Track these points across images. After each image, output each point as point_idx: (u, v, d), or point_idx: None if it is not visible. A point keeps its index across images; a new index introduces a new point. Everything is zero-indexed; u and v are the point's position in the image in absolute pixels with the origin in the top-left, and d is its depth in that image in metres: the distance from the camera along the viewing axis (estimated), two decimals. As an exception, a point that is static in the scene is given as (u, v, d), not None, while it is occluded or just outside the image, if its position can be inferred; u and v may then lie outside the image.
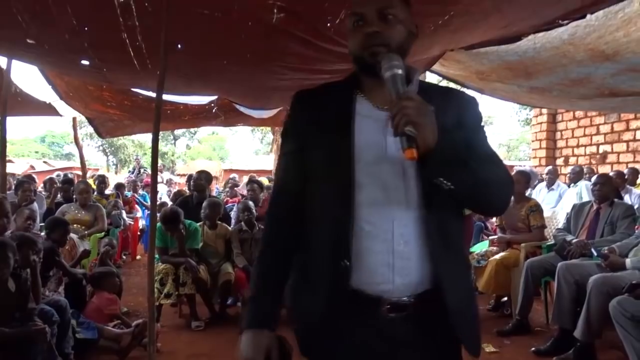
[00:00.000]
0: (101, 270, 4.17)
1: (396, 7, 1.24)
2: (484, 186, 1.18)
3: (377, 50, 1.20)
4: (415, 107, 1.07)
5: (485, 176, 1.17)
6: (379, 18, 1.22)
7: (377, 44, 1.20)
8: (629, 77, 3.59)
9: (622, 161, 8.18)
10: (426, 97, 1.13)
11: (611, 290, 3.17)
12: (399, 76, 1.14)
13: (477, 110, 1.36)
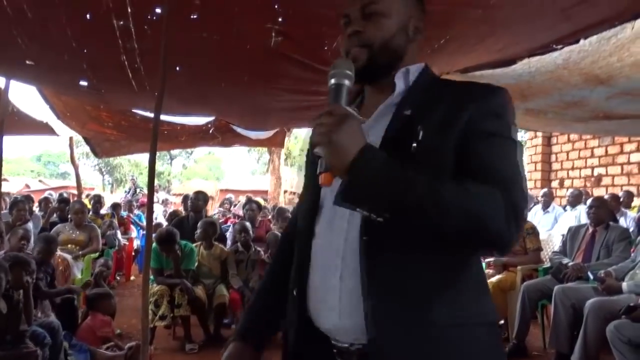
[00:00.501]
0: (98, 292, 4.14)
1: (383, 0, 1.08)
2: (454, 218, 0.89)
3: (355, 53, 1.06)
4: (330, 124, 0.90)
5: (458, 204, 0.89)
6: (362, 16, 1.08)
7: (355, 45, 1.07)
8: (623, 101, 3.63)
9: (616, 184, 8.22)
10: (426, 95, 1.03)
11: (608, 315, 3.16)
12: (342, 87, 0.98)
13: (491, 107, 1.02)
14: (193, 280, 4.48)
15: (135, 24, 2.53)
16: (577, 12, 2.36)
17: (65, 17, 2.49)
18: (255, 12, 2.46)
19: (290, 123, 6.64)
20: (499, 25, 2.57)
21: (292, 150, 19.21)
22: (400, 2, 1.10)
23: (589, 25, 2.59)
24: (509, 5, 2.27)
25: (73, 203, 6.31)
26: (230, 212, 9.65)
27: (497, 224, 0.90)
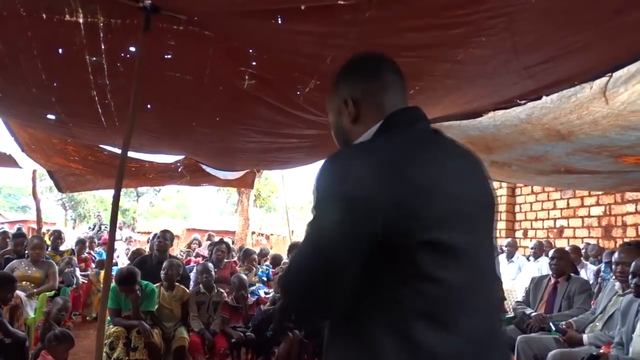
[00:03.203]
0: (58, 333, 3.90)
1: (328, 105, 1.35)
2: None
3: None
4: None
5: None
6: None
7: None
8: (583, 157, 3.76)
9: (577, 236, 8.43)
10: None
11: (569, 366, 3.17)
12: None
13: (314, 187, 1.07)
14: (152, 322, 4.32)
15: (108, 60, 2.53)
16: (540, 71, 2.47)
17: (36, 50, 2.48)
18: (229, 54, 2.49)
19: (260, 164, 6.65)
20: (466, 79, 2.67)
21: (261, 192, 19.16)
22: (332, 96, 1.32)
23: (551, 83, 2.71)
24: (475, 62, 2.36)
25: (31, 238, 6.08)
26: (193, 252, 9.47)
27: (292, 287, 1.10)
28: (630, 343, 2.99)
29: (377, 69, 1.29)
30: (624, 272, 3.48)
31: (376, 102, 1.24)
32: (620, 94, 2.55)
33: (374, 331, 1.03)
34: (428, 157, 1.11)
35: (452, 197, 1.07)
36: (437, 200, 1.04)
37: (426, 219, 1.02)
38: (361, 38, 2.16)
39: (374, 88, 1.26)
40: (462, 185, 1.12)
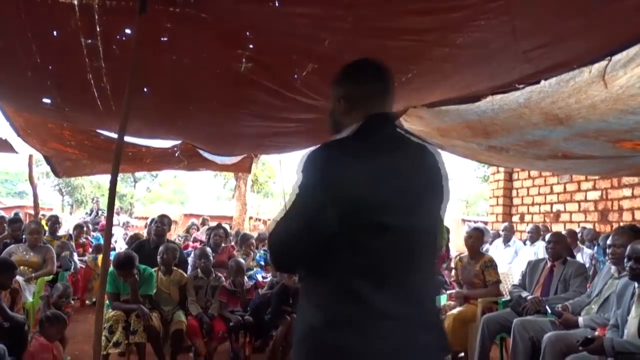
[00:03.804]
0: (50, 315, 3.94)
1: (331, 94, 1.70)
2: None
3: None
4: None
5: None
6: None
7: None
8: (580, 142, 3.76)
9: (574, 220, 8.48)
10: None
11: (564, 348, 3.21)
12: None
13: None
14: (150, 306, 4.35)
15: (104, 43, 2.50)
16: (538, 55, 2.46)
17: (31, 33, 2.44)
18: (226, 37, 2.47)
19: (258, 149, 6.63)
20: (464, 63, 2.65)
21: (259, 177, 19.14)
22: (333, 90, 1.68)
23: (549, 67, 2.70)
24: (474, 45, 2.34)
25: (29, 223, 6.08)
26: (191, 237, 9.48)
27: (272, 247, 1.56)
28: (626, 325, 3.02)
29: (370, 77, 1.64)
30: (617, 255, 3.51)
31: (362, 105, 1.59)
32: (619, 78, 2.54)
33: (328, 284, 1.45)
34: (382, 158, 1.48)
35: (393, 189, 1.44)
36: (381, 191, 1.42)
37: (369, 205, 1.41)
38: (359, 21, 2.14)
39: (363, 93, 1.61)
40: (405, 180, 1.48)
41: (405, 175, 1.50)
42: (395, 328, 1.41)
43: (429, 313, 1.53)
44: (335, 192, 1.39)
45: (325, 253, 1.43)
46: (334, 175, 1.40)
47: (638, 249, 3.00)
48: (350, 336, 1.39)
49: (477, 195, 35.61)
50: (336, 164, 1.41)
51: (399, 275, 1.45)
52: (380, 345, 1.39)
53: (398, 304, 1.42)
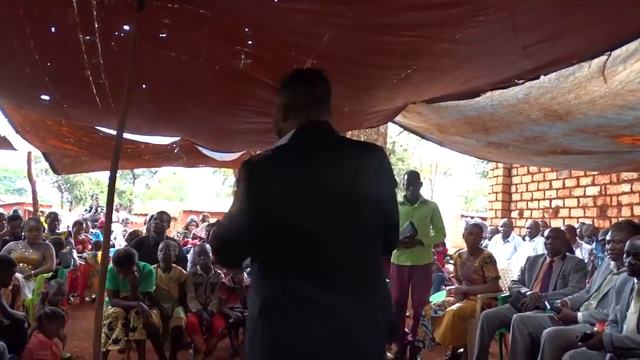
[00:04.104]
0: (48, 312, 3.94)
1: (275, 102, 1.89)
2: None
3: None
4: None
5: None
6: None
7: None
8: (580, 138, 3.77)
9: (573, 216, 8.48)
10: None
11: (564, 344, 3.21)
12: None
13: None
14: (150, 303, 4.35)
15: (102, 39, 2.49)
16: (538, 50, 2.45)
17: (29, 29, 2.43)
18: (225, 33, 2.46)
19: (256, 146, 6.61)
20: (464, 59, 2.65)
21: (258, 173, 19.11)
22: (277, 98, 1.85)
23: (549, 63, 2.69)
24: (473, 41, 2.34)
25: (28, 220, 6.09)
26: (191, 233, 9.48)
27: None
28: (625, 321, 3.03)
29: (304, 87, 1.79)
30: (616, 250, 3.51)
31: (298, 112, 1.75)
32: (619, 73, 2.54)
33: (267, 278, 1.66)
34: (308, 165, 1.65)
35: (315, 195, 1.61)
36: (302, 196, 1.60)
37: (291, 209, 1.58)
38: (358, 17, 2.13)
39: (298, 102, 1.76)
40: (329, 184, 1.63)
41: (331, 179, 1.65)
42: (324, 319, 1.58)
43: (363, 305, 1.65)
44: (257, 201, 1.59)
45: (263, 251, 1.63)
46: (257, 186, 1.60)
47: (637, 245, 3.01)
48: (282, 324, 1.58)
49: (476, 191, 35.67)
50: (260, 176, 1.61)
51: (330, 271, 1.62)
52: (308, 333, 1.57)
53: (328, 296, 1.58)
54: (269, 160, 1.66)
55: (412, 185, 5.09)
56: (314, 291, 1.59)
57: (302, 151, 1.69)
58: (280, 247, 1.60)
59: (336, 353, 1.59)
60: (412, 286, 5.02)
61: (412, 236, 4.80)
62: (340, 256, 1.64)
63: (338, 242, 1.63)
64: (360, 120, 4.58)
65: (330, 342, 1.58)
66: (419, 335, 4.72)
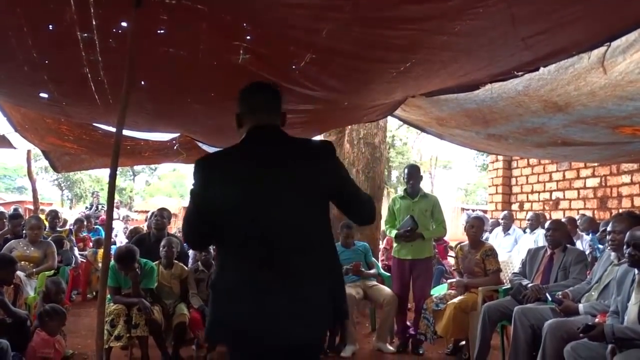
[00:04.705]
0: (49, 309, 3.96)
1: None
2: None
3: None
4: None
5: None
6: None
7: None
8: (580, 129, 3.76)
9: (573, 208, 8.48)
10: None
11: (565, 335, 3.22)
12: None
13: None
14: (152, 300, 4.36)
15: (100, 36, 2.48)
16: (537, 42, 2.45)
17: (26, 27, 2.43)
18: (223, 29, 2.45)
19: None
20: (463, 51, 2.64)
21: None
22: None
23: (548, 54, 2.68)
24: (472, 33, 2.33)
25: (29, 218, 6.09)
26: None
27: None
28: (626, 312, 3.04)
29: (252, 98, 2.11)
30: (617, 241, 3.52)
31: (247, 119, 2.08)
32: (619, 64, 2.53)
33: (220, 259, 2.08)
34: (249, 163, 1.96)
35: (254, 185, 1.90)
36: (241, 187, 1.90)
37: (232, 202, 1.89)
38: (357, 11, 2.12)
39: (248, 110, 2.09)
40: (269, 176, 1.91)
41: (268, 172, 1.92)
42: (255, 296, 1.82)
43: (298, 288, 1.86)
44: (201, 197, 1.95)
45: (213, 235, 1.96)
46: (205, 183, 1.95)
47: (636, 236, 3.01)
48: (220, 298, 1.92)
49: (476, 184, 35.67)
50: (207, 172, 1.97)
51: (265, 259, 1.85)
52: (240, 309, 1.83)
53: (262, 276, 1.84)
54: (214, 159, 2.11)
55: (412, 179, 5.10)
56: (248, 271, 1.87)
57: (244, 151, 2.02)
58: (222, 232, 1.90)
59: (264, 330, 1.82)
60: (413, 280, 5.03)
61: (412, 230, 4.81)
62: (274, 240, 1.88)
63: (273, 226, 1.88)
64: (360, 115, 4.57)
65: (260, 319, 1.81)
66: (420, 328, 4.74)
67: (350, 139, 6.83)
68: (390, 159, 24.39)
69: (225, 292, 1.89)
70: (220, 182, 1.92)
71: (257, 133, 2.03)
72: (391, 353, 4.89)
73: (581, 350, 3.01)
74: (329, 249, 2.03)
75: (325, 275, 1.94)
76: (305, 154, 2.04)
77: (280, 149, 2.01)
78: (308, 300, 1.85)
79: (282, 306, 1.82)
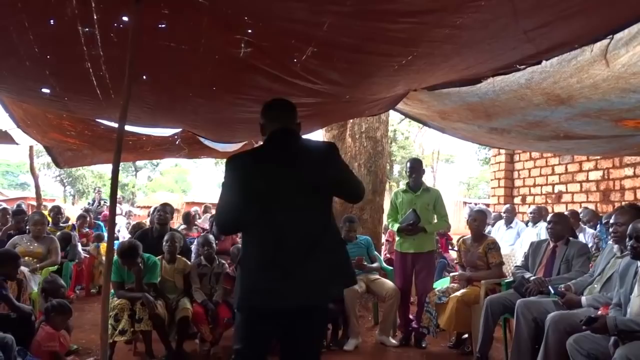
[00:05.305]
0: (55, 304, 3.97)
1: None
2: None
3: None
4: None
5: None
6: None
7: None
8: (582, 122, 3.75)
9: (576, 201, 8.47)
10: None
11: (568, 328, 3.22)
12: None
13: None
14: (155, 294, 4.37)
15: (101, 31, 2.48)
16: (539, 35, 2.44)
17: (27, 22, 2.42)
18: (224, 23, 2.45)
19: (258, 136, 6.60)
20: (465, 44, 2.63)
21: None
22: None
23: (551, 47, 2.67)
24: (474, 26, 2.32)
25: (32, 214, 6.11)
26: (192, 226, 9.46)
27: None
28: (629, 304, 3.04)
29: (272, 111, 2.61)
30: (619, 234, 3.51)
31: (267, 127, 2.57)
32: (622, 56, 2.52)
33: (244, 239, 2.60)
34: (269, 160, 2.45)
35: (272, 179, 2.37)
36: (262, 181, 2.36)
37: (256, 194, 2.34)
38: (358, 4, 2.12)
39: (268, 120, 2.58)
40: (284, 172, 2.38)
41: (284, 167, 2.38)
42: (275, 272, 2.30)
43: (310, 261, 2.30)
44: (233, 188, 2.38)
45: (241, 221, 2.40)
46: (233, 178, 2.39)
47: (639, 228, 3.00)
48: (244, 272, 2.43)
49: (478, 178, 35.67)
50: (235, 169, 2.41)
51: (279, 241, 2.31)
52: (259, 280, 2.34)
53: (280, 254, 2.30)
54: (242, 157, 2.55)
55: (414, 173, 5.09)
56: (269, 250, 2.32)
57: (263, 152, 2.56)
58: (248, 218, 2.36)
59: (279, 295, 2.29)
60: (415, 273, 5.04)
61: (415, 224, 4.82)
62: (285, 226, 2.32)
63: (290, 212, 2.34)
64: (362, 109, 4.56)
65: (279, 288, 2.29)
66: (423, 321, 4.75)
67: (352, 133, 6.82)
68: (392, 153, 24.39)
69: (247, 268, 2.40)
70: (244, 178, 2.37)
71: (274, 138, 2.50)
72: (394, 346, 4.91)
73: (584, 343, 3.01)
74: (332, 232, 2.48)
75: (329, 253, 2.38)
76: (313, 154, 2.47)
77: (293, 151, 2.46)
78: (313, 273, 2.31)
79: (292, 277, 2.28)
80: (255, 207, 2.33)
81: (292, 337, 2.43)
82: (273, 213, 2.33)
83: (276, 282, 2.29)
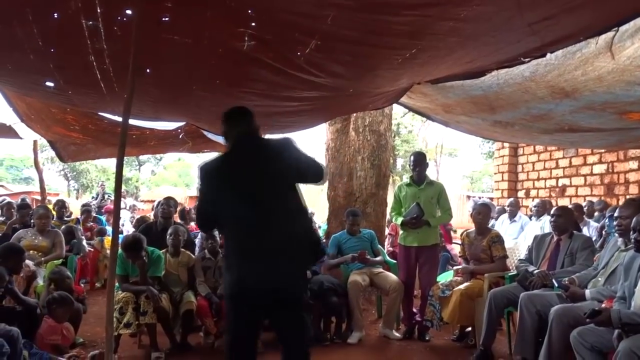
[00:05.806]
0: (56, 296, 4.00)
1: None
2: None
3: None
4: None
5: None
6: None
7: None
8: (587, 115, 3.73)
9: (580, 194, 8.46)
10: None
11: (572, 321, 3.22)
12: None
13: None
14: (159, 287, 4.39)
15: (105, 24, 2.48)
16: (544, 27, 2.43)
17: (31, 15, 2.43)
18: (228, 16, 2.44)
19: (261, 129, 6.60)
20: (469, 37, 2.62)
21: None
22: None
23: (555, 40, 2.66)
24: (478, 19, 2.31)
25: (37, 208, 6.13)
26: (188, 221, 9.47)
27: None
28: (633, 297, 3.03)
29: (231, 119, 2.86)
30: (624, 227, 3.50)
31: (230, 133, 2.85)
32: (627, 49, 2.51)
33: (224, 235, 2.99)
34: (231, 162, 2.76)
35: (240, 179, 2.65)
36: (231, 182, 2.66)
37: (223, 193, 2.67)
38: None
39: (230, 127, 2.86)
40: (250, 171, 2.66)
41: (249, 168, 2.66)
42: (251, 258, 2.59)
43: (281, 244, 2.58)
44: (207, 192, 2.77)
45: (218, 221, 2.78)
46: (206, 183, 2.75)
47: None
48: (226, 264, 2.79)
49: (481, 172, 35.57)
50: (206, 175, 2.74)
51: (252, 232, 2.59)
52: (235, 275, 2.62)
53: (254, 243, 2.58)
54: (212, 163, 2.76)
55: (418, 166, 5.09)
56: (243, 241, 2.62)
57: (232, 154, 2.80)
58: (224, 216, 2.66)
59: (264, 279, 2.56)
60: (419, 266, 5.04)
61: (418, 217, 4.82)
62: (260, 216, 2.58)
63: (260, 205, 2.59)
64: (365, 102, 4.56)
65: (258, 272, 2.56)
66: (427, 315, 4.76)
67: (355, 126, 6.80)
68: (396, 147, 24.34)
69: (228, 261, 2.74)
70: (215, 181, 2.71)
71: (237, 142, 2.77)
72: (397, 340, 4.92)
73: (588, 336, 3.01)
74: (301, 219, 2.75)
75: (298, 238, 2.65)
76: (273, 150, 2.75)
77: (256, 150, 2.75)
78: (283, 260, 2.58)
79: (264, 264, 2.56)
80: (228, 206, 2.63)
81: (277, 324, 2.82)
82: (244, 208, 2.59)
83: (253, 270, 2.57)
